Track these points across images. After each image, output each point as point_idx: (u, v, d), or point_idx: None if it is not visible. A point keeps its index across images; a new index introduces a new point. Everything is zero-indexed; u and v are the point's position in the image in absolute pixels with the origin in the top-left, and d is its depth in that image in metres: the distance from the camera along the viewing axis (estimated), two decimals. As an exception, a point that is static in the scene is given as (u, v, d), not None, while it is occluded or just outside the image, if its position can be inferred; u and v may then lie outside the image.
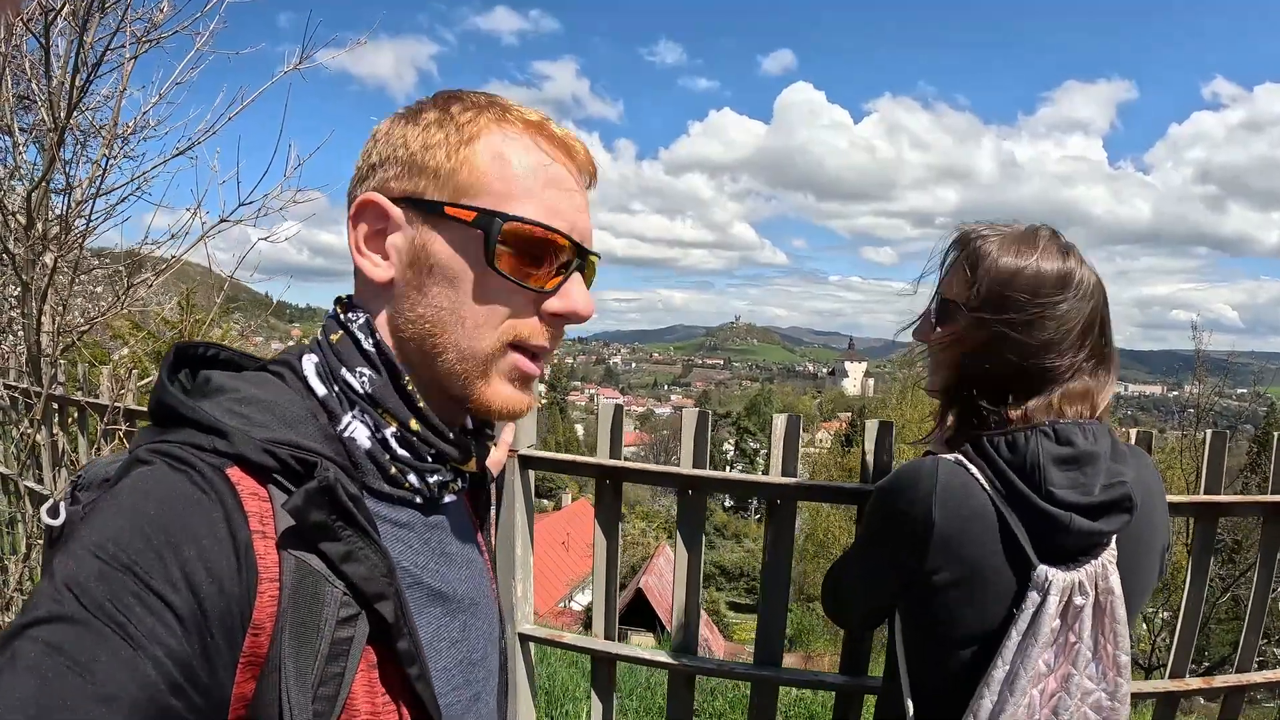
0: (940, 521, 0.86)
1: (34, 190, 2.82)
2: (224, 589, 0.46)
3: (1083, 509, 0.85)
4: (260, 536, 0.49)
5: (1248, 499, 1.62)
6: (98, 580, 0.43)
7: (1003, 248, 0.92)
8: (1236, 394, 13.71)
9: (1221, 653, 10.49)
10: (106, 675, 0.41)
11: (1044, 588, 0.83)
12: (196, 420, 0.51)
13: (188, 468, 0.49)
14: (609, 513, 1.63)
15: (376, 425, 0.58)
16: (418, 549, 0.61)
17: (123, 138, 3.04)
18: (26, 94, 3.08)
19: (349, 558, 0.51)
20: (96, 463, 0.57)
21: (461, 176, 0.57)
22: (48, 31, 2.64)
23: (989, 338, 0.91)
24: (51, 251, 2.82)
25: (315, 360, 0.59)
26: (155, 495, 0.47)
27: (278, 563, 0.49)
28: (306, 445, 0.53)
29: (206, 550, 0.46)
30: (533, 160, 0.59)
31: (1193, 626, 1.63)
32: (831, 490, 1.50)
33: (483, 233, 0.56)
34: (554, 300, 0.60)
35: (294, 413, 0.55)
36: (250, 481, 0.50)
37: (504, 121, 0.59)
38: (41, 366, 2.94)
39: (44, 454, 3.02)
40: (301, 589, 0.49)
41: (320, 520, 0.50)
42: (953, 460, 0.90)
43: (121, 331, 6.86)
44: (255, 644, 0.48)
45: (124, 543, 0.44)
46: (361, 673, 0.52)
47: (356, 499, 0.52)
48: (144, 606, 0.43)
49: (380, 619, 0.52)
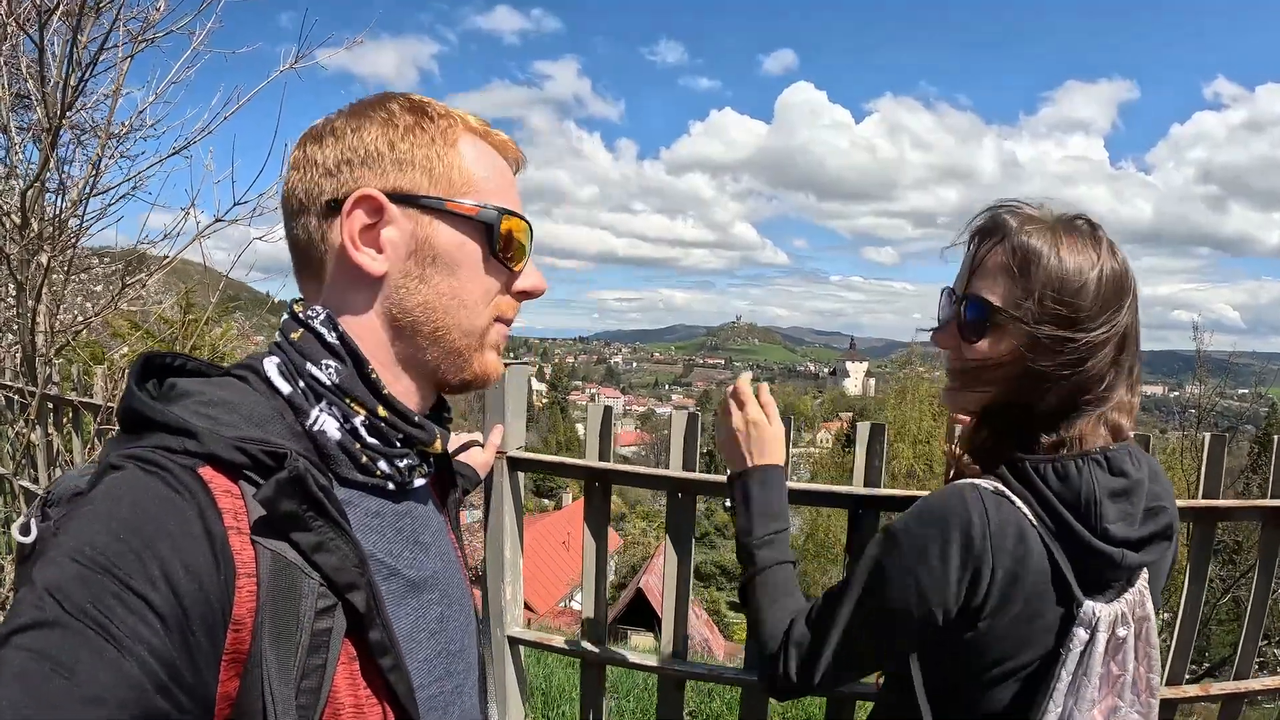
0: (998, 563, 0.75)
1: (28, 190, 2.81)
2: (203, 586, 0.47)
3: (1132, 543, 0.79)
4: (235, 532, 0.50)
5: (1247, 503, 1.60)
6: (78, 584, 0.43)
7: (1061, 247, 0.80)
8: (1238, 394, 13.67)
9: (1222, 653, 10.46)
10: (92, 677, 0.41)
11: (1092, 624, 0.76)
12: (166, 423, 0.52)
13: (160, 469, 0.49)
14: (598, 515, 1.61)
15: (345, 415, 0.60)
16: (392, 538, 0.62)
17: (118, 137, 3.04)
18: (24, 93, 3.08)
19: (320, 548, 0.52)
20: (65, 477, 0.58)
21: (453, 175, 0.62)
22: (42, 31, 2.64)
23: (1050, 354, 0.79)
24: (46, 251, 2.82)
25: (277, 361, 0.61)
26: (129, 498, 0.47)
27: (254, 557, 0.50)
28: (274, 440, 0.54)
29: (183, 549, 0.47)
30: (495, 161, 0.67)
31: (1190, 632, 1.61)
32: (823, 495, 1.48)
33: (485, 225, 0.63)
34: (523, 279, 0.68)
35: (261, 412, 0.57)
36: (222, 479, 0.51)
37: (468, 127, 0.66)
38: (36, 366, 2.93)
39: (39, 454, 3.01)
40: (279, 582, 0.50)
41: (291, 510, 0.51)
42: (992, 490, 0.79)
43: (122, 331, 6.86)
44: (237, 640, 0.48)
45: (101, 545, 0.45)
46: (342, 665, 0.53)
47: (327, 489, 0.53)
48: (125, 607, 0.43)
49: (353, 609, 0.53)
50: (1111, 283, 0.80)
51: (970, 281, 0.85)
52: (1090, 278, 0.79)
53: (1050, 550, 0.77)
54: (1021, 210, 0.85)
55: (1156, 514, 0.81)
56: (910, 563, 0.78)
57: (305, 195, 0.62)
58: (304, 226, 0.62)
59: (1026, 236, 0.81)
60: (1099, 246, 0.81)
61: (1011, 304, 0.81)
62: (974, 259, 0.85)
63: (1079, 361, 0.79)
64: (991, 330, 0.82)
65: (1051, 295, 0.79)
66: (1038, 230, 0.81)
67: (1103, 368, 0.80)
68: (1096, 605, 0.77)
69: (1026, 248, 0.80)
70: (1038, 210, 0.85)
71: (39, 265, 2.82)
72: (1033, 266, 0.80)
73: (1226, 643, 10.52)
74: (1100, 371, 0.80)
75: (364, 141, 0.61)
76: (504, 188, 0.66)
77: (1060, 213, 0.85)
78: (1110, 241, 0.83)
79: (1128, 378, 0.83)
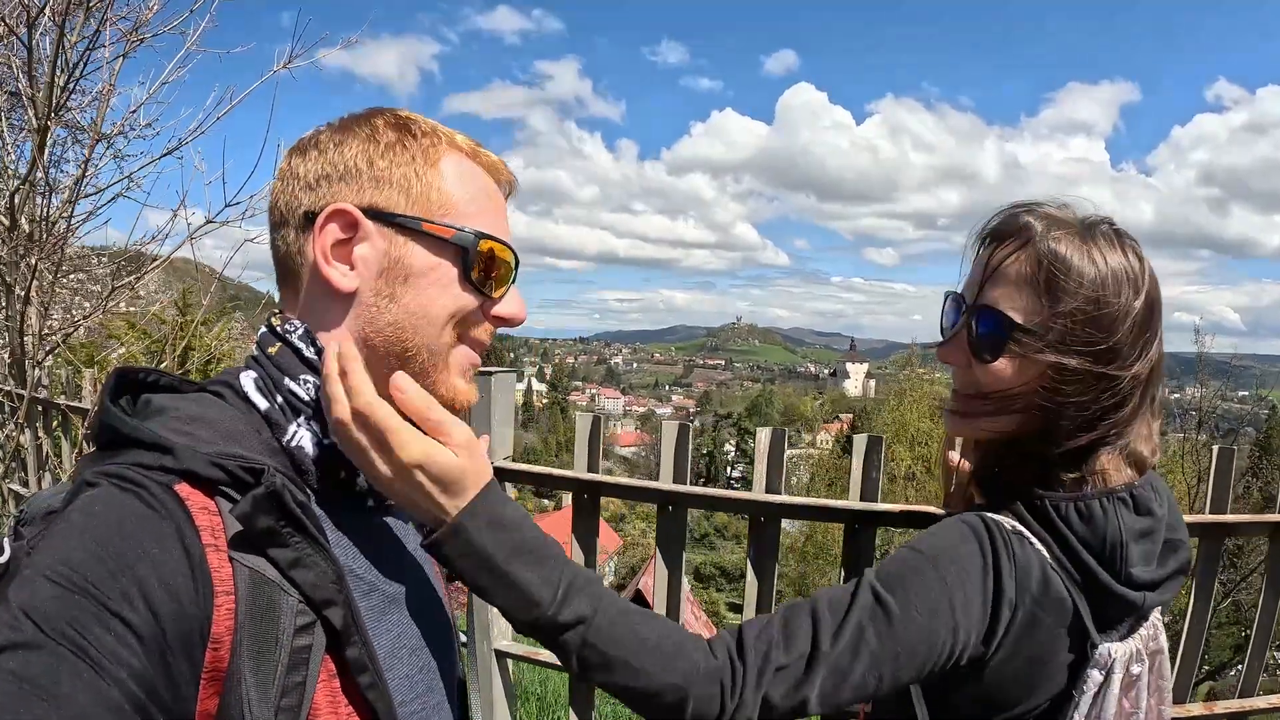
0: (1019, 604, 0.69)
1: (17, 190, 2.78)
2: (181, 605, 0.46)
3: (1153, 584, 0.74)
4: (213, 550, 0.49)
5: (1255, 518, 1.56)
6: (55, 604, 0.43)
7: (1095, 259, 0.70)
8: (1238, 397, 13.64)
9: (1221, 657, 10.44)
10: (71, 699, 0.41)
11: (1107, 665, 0.72)
12: (141, 439, 0.52)
13: (136, 486, 0.49)
14: (587, 527, 1.58)
15: (322, 431, 0.60)
16: (372, 553, 0.62)
17: (108, 138, 3.00)
18: (16, 91, 3.04)
19: (297, 564, 0.51)
20: (38, 495, 0.58)
21: (432, 195, 0.61)
22: (30, 30, 2.60)
23: (1083, 388, 0.70)
24: (35, 253, 2.79)
25: (254, 376, 0.61)
26: (105, 516, 0.47)
27: (231, 575, 0.49)
28: (251, 456, 0.54)
29: (161, 567, 0.46)
30: (484, 183, 0.65)
31: (1196, 648, 1.57)
32: (819, 510, 1.45)
33: (459, 247, 0.61)
34: (502, 305, 0.66)
35: (237, 428, 0.57)
36: (199, 496, 0.51)
37: (454, 146, 0.64)
38: (26, 369, 2.90)
39: (29, 457, 2.99)
40: (257, 599, 0.50)
41: (268, 526, 0.50)
42: (1011, 529, 0.71)
43: (118, 332, 6.83)
44: (215, 658, 0.48)
45: (78, 564, 0.44)
46: (322, 682, 0.52)
47: (304, 505, 0.53)
48: (103, 627, 0.43)
49: (332, 626, 0.52)
50: (1148, 305, 0.71)
51: (983, 290, 0.74)
52: (1129, 298, 0.70)
53: (1071, 595, 0.70)
54: (1046, 212, 0.75)
55: (1176, 549, 0.76)
56: (938, 592, 0.69)
57: (285, 207, 0.62)
58: (283, 238, 0.62)
59: (1055, 243, 0.71)
60: (1133, 259, 0.72)
61: (1035, 322, 0.71)
62: (988, 264, 0.74)
63: (1120, 403, 0.71)
64: (1009, 350, 0.72)
65: (1085, 318, 0.69)
66: (1067, 237, 0.71)
67: (1137, 402, 0.73)
68: (1112, 645, 0.72)
69: (1055, 257, 0.70)
70: (1062, 212, 0.75)
71: (28, 267, 2.79)
72: (1062, 280, 0.70)
73: (1226, 646, 10.50)
74: (1135, 406, 0.73)
75: (344, 157, 0.61)
76: (487, 210, 0.64)
77: (1086, 215, 0.75)
78: (1139, 250, 0.74)
79: (1151, 404, 0.75)
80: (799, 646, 0.67)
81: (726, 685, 0.65)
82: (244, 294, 11.18)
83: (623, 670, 0.64)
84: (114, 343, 6.94)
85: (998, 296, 0.73)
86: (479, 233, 0.62)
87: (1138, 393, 0.73)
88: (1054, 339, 0.70)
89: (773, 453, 1.42)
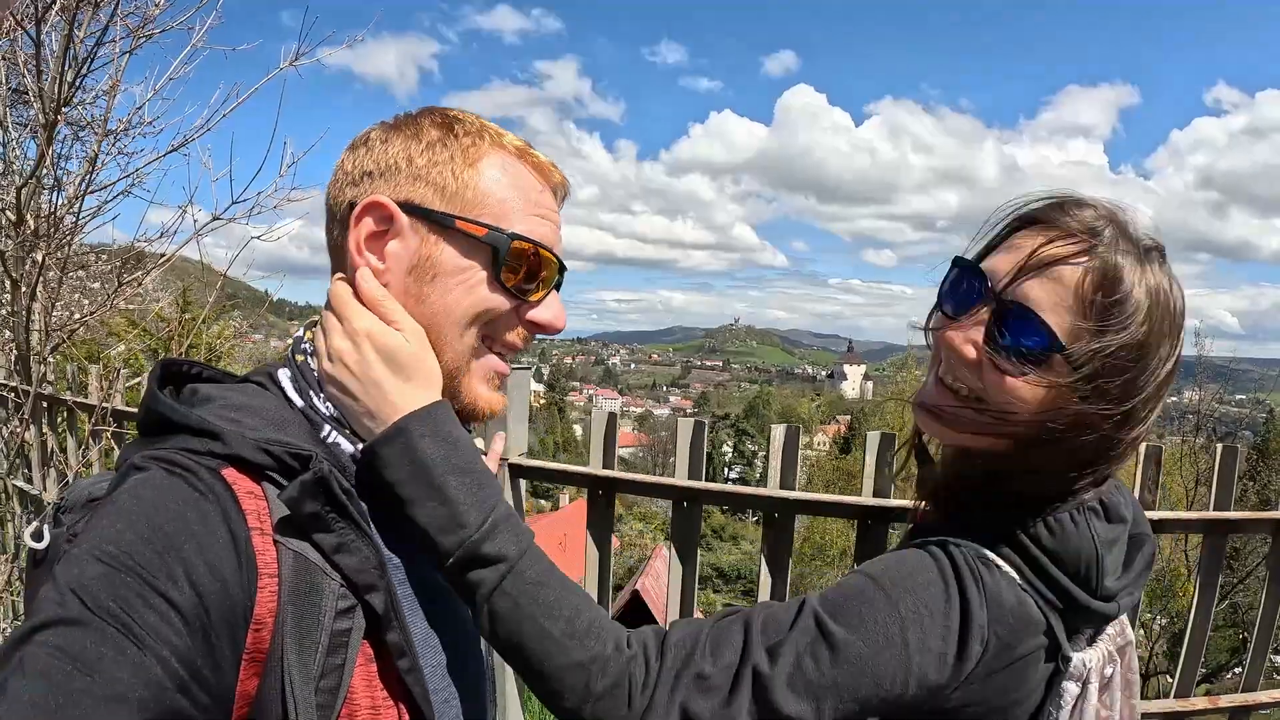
0: (991, 636, 0.62)
1: (23, 186, 2.78)
2: (225, 586, 0.47)
3: (1124, 589, 0.70)
4: (258, 533, 0.50)
5: (1258, 515, 1.58)
6: (101, 582, 0.44)
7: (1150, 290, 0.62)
8: (1236, 400, 13.70)
9: (1219, 659, 10.47)
10: (114, 675, 0.41)
11: (1083, 676, 0.68)
12: (189, 425, 0.53)
13: (184, 470, 0.50)
14: (601, 524, 1.59)
15: (350, 439, 0.61)
16: (408, 545, 0.62)
17: (115, 134, 3.00)
18: (22, 88, 3.04)
19: (340, 549, 0.52)
20: (78, 484, 0.59)
21: (468, 194, 0.61)
22: (39, 25, 2.60)
23: (1095, 426, 0.62)
24: (42, 248, 2.79)
25: (290, 374, 0.62)
26: (153, 498, 0.48)
27: (276, 558, 0.51)
28: (299, 443, 0.55)
29: (206, 549, 0.47)
30: (526, 184, 0.64)
31: (1200, 644, 1.59)
32: (831, 505, 1.46)
33: (491, 247, 0.61)
34: (539, 310, 0.64)
35: (282, 416, 0.59)
36: (246, 481, 0.52)
37: (499, 146, 0.63)
38: (31, 364, 2.90)
39: (33, 453, 2.98)
40: (300, 582, 0.51)
41: (314, 511, 0.51)
42: (975, 555, 0.64)
43: (118, 328, 6.82)
44: (257, 640, 0.49)
45: (125, 544, 0.45)
46: (360, 666, 0.53)
47: (349, 492, 0.54)
48: (148, 606, 0.44)
49: (372, 610, 0.53)
50: (1175, 367, 0.65)
51: (1018, 283, 0.62)
52: (1164, 356, 0.62)
53: (1045, 614, 0.64)
54: (1113, 215, 0.64)
55: (1141, 544, 0.73)
56: (889, 624, 0.61)
57: (334, 201, 0.64)
58: (332, 231, 0.64)
59: (1122, 263, 0.61)
60: (1179, 302, 0.64)
61: (1075, 344, 0.61)
62: (1035, 254, 0.62)
63: (1119, 456, 0.65)
64: (1040, 371, 0.62)
65: (1119, 365, 0.61)
66: (1131, 258, 0.62)
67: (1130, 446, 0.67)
68: (1085, 655, 0.68)
69: (1119, 282, 0.60)
70: (1123, 216, 0.64)
71: (34, 263, 2.79)
72: (1117, 312, 0.60)
73: (1223, 648, 10.53)
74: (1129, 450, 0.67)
75: (387, 154, 0.62)
76: (526, 212, 0.63)
77: (1141, 230, 0.65)
78: (1182, 290, 0.65)
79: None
80: (725, 658, 0.60)
81: (636, 682, 0.58)
82: (242, 292, 11.14)
83: (532, 633, 0.57)
84: (114, 340, 6.93)
85: (1043, 301, 0.62)
86: (513, 234, 0.61)
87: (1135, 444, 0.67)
88: (1084, 376, 0.61)
89: (787, 449, 1.43)
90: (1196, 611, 1.59)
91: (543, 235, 0.63)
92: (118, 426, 2.55)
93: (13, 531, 2.92)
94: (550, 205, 0.66)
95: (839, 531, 14.54)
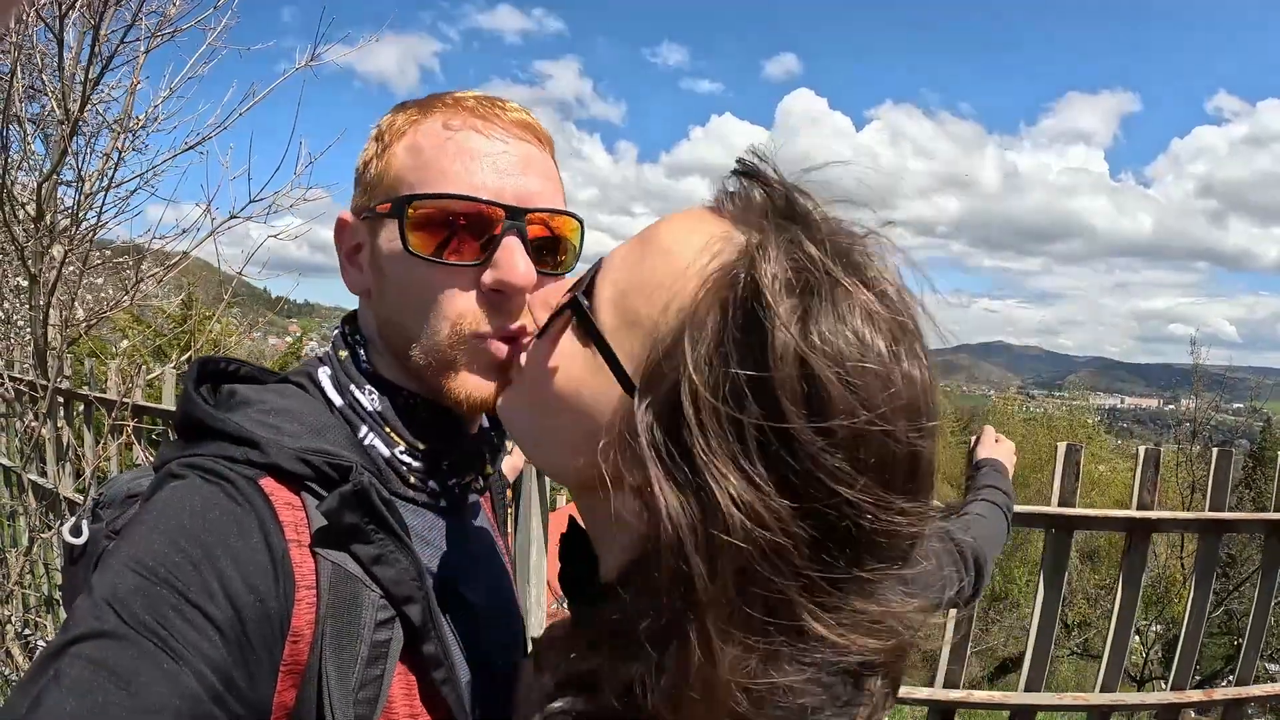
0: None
1: (44, 182, 2.82)
2: (261, 599, 0.46)
3: None
4: (296, 545, 0.49)
5: (1251, 516, 1.63)
6: (137, 595, 0.43)
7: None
8: (1233, 409, 13.77)
9: (1213, 666, 10.50)
10: (149, 688, 0.41)
11: None
12: (226, 432, 0.52)
13: (221, 480, 0.49)
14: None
15: (386, 443, 0.58)
16: (448, 553, 0.61)
17: (133, 131, 3.05)
18: (35, 85, 3.09)
19: (379, 560, 0.51)
20: (117, 479, 0.58)
21: (386, 179, 0.58)
22: (61, 23, 2.65)
23: None
24: (60, 245, 2.83)
25: (329, 373, 0.60)
26: (190, 509, 0.47)
27: (314, 570, 0.50)
28: (338, 453, 0.54)
29: (243, 562, 0.47)
30: (439, 138, 0.57)
31: (1195, 639, 1.64)
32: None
33: (396, 220, 0.56)
34: (486, 273, 0.56)
35: (322, 420, 0.56)
36: (284, 491, 0.51)
37: (427, 116, 0.58)
38: (48, 360, 2.93)
39: (48, 448, 3.01)
40: (340, 593, 0.50)
41: (353, 523, 0.50)
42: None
43: (123, 324, 6.85)
44: (295, 651, 0.48)
45: (161, 556, 0.45)
46: (399, 676, 0.52)
47: (389, 503, 0.53)
48: (184, 619, 0.43)
49: (410, 622, 0.52)
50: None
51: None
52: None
53: None
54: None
55: None
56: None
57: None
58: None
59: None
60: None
61: None
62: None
63: None
64: None
65: None
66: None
67: None
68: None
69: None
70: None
71: (52, 259, 2.82)
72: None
73: (1218, 655, 10.57)
74: None
75: (357, 165, 0.62)
76: (444, 166, 0.55)
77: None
78: None
79: None
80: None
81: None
82: (241, 290, 11.13)
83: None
84: (118, 336, 6.95)
85: None
86: (410, 196, 0.55)
87: None
88: None
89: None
90: (1192, 607, 1.64)
91: (464, 183, 0.55)
92: (137, 421, 2.59)
93: (25, 525, 2.95)
94: (483, 146, 0.56)
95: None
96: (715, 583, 0.35)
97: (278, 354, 11.96)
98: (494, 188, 0.55)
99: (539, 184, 0.58)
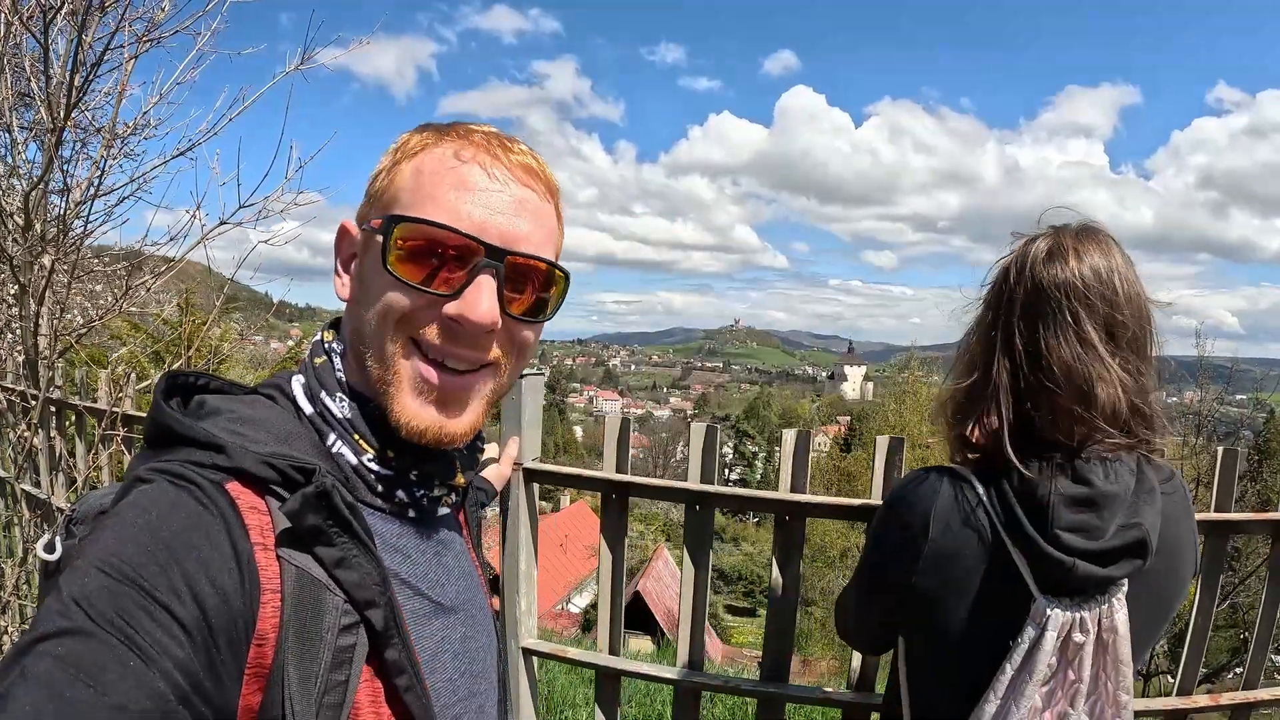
0: (934, 537, 0.84)
1: (32, 191, 2.79)
2: (227, 600, 0.47)
3: (1091, 555, 0.79)
4: (261, 548, 0.50)
5: (1259, 517, 1.60)
6: (104, 594, 0.44)
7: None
8: (1236, 400, 13.73)
9: (1219, 659, 10.49)
10: (115, 686, 0.41)
11: (1041, 623, 0.79)
12: (194, 438, 0.53)
13: (188, 484, 0.50)
14: (615, 527, 1.61)
15: (354, 450, 0.60)
16: (416, 560, 0.62)
17: (122, 138, 3.02)
18: (26, 91, 3.06)
19: (341, 563, 0.52)
20: (89, 496, 0.59)
21: (387, 195, 0.60)
22: (46, 29, 2.62)
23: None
24: (50, 253, 2.80)
25: (302, 381, 0.62)
26: (157, 511, 0.48)
27: (279, 573, 0.50)
28: (303, 457, 0.55)
29: (209, 563, 0.47)
30: (443, 166, 0.58)
31: (1201, 643, 1.61)
32: (842, 508, 1.48)
33: (382, 237, 0.57)
34: (452, 303, 0.57)
35: (288, 429, 0.58)
36: (250, 495, 0.52)
37: (441, 141, 0.60)
38: (39, 369, 2.91)
39: (41, 458, 2.99)
40: (303, 598, 0.50)
41: (315, 524, 0.51)
42: (959, 475, 0.86)
43: (120, 332, 6.83)
44: (260, 654, 0.48)
45: (128, 557, 0.45)
46: (365, 683, 0.53)
47: (354, 506, 0.54)
48: (150, 618, 0.44)
49: (371, 627, 0.53)
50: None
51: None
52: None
53: (1003, 541, 0.81)
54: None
55: (1128, 530, 0.81)
56: (877, 529, 0.94)
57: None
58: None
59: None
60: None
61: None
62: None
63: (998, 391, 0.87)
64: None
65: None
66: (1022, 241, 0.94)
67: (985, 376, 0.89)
68: (1053, 607, 0.79)
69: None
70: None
71: (42, 268, 2.80)
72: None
73: (1223, 649, 10.55)
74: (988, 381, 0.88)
75: (370, 175, 0.64)
76: (438, 194, 0.57)
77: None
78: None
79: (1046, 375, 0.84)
80: (841, 609, 1.08)
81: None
82: (242, 294, 11.14)
83: (846, 593, 1.07)
84: (116, 343, 6.93)
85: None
86: (401, 216, 0.57)
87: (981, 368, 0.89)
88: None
89: (798, 453, 1.46)
90: (1197, 611, 1.61)
91: (455, 215, 0.56)
92: (128, 431, 2.56)
93: (20, 536, 2.93)
94: (481, 183, 0.58)
95: (839, 533, 14.57)
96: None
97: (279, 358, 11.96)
98: (479, 223, 0.57)
99: (528, 229, 0.59)
